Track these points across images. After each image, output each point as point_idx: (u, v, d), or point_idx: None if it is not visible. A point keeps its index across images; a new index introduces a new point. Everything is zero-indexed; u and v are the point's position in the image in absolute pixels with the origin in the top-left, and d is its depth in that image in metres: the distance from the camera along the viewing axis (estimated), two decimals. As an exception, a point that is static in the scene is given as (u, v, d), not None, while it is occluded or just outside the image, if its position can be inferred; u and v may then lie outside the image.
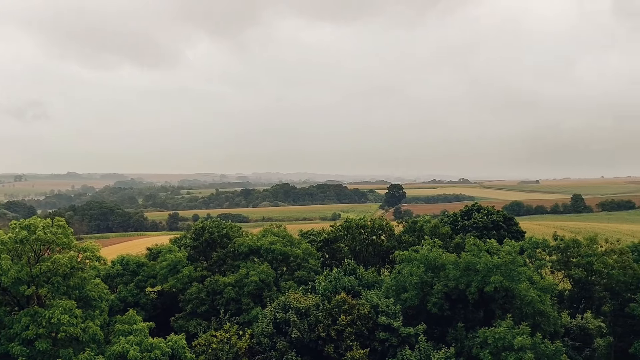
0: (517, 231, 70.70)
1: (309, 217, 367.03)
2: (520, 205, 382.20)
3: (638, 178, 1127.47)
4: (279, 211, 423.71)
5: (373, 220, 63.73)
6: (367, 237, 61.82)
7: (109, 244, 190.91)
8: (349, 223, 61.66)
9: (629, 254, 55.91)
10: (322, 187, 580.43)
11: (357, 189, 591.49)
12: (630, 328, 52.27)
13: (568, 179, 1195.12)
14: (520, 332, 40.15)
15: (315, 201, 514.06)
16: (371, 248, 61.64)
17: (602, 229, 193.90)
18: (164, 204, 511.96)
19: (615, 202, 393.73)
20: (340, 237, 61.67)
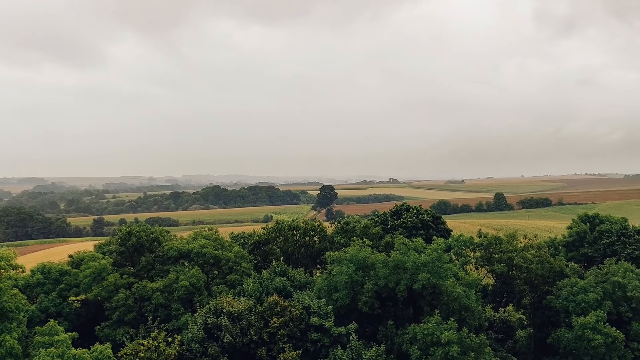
0: (444, 229, 73.04)
1: (241, 220, 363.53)
2: (447, 204, 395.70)
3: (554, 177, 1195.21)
4: (210, 214, 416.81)
5: (305, 222, 63.86)
6: (299, 239, 61.87)
7: (28, 251, 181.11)
8: (280, 225, 61.47)
9: (545, 248, 59.13)
10: (254, 189, 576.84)
11: (289, 191, 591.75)
12: (547, 319, 55.25)
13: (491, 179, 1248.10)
14: (448, 327, 41.51)
15: (247, 203, 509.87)
16: (303, 249, 61.75)
17: (522, 225, 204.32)
18: (88, 208, 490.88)
19: (534, 200, 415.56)
20: (272, 239, 61.35)
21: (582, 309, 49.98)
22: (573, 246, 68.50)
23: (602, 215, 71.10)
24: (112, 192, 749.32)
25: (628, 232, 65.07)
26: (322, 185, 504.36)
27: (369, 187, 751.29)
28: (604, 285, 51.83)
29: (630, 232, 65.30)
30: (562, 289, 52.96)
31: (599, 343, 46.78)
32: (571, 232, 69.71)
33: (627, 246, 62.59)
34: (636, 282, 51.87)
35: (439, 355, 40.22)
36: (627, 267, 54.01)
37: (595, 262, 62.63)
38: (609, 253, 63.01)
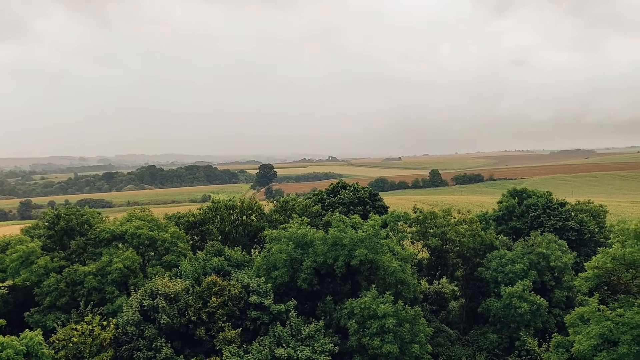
0: (381, 206, 74.27)
1: (178, 200, 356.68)
2: (385, 181, 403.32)
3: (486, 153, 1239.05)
4: (146, 194, 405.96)
5: (242, 201, 63.24)
6: (236, 218, 61.24)
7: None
8: (216, 204, 60.60)
9: (477, 223, 61.42)
10: (191, 168, 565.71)
11: (227, 170, 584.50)
12: (478, 290, 57.75)
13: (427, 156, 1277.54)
14: (384, 301, 42.54)
15: (185, 183, 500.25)
16: (241, 228, 61.23)
17: (456, 201, 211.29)
18: (13, 190, 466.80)
19: (467, 176, 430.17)
20: (209, 219, 60.44)
21: (510, 279, 52.53)
22: (503, 220, 71.63)
23: (530, 190, 74.59)
24: (40, 173, 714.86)
25: (552, 205, 68.60)
26: (261, 164, 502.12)
27: (308, 166, 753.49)
28: (529, 256, 54.57)
29: (554, 205, 68.87)
30: (491, 260, 55.37)
31: (525, 310, 49.47)
32: (501, 207, 72.77)
33: (551, 218, 66.02)
34: (558, 252, 54.95)
35: (376, 328, 41.26)
36: (551, 239, 57.06)
37: (522, 234, 65.75)
38: (535, 225, 66.33)
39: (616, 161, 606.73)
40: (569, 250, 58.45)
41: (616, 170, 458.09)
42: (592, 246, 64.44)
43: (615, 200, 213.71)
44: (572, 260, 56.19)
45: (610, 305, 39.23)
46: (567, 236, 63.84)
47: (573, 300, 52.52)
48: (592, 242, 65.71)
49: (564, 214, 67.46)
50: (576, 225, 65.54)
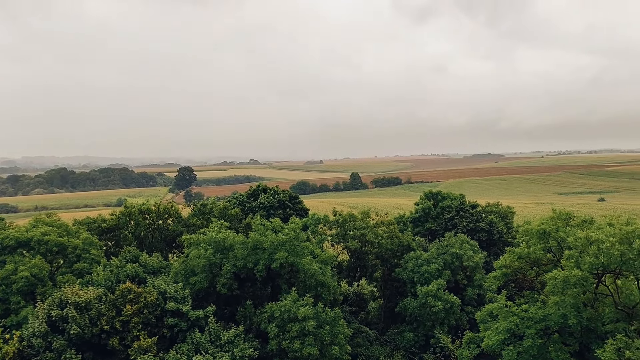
0: (302, 209, 74.65)
1: (92, 204, 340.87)
2: (306, 184, 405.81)
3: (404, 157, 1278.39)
4: (56, 199, 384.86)
5: (158, 205, 61.33)
6: (152, 223, 59.31)
7: None
8: (129, 209, 58.37)
9: (395, 224, 63.04)
10: (106, 171, 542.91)
11: (144, 173, 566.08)
12: (396, 290, 59.27)
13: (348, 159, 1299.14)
14: (304, 304, 42.62)
15: (98, 187, 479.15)
16: (157, 233, 59.34)
17: (375, 203, 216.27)
18: None
19: (386, 179, 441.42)
20: (123, 224, 58.11)
21: (426, 279, 54.31)
22: (419, 222, 74.13)
23: (444, 193, 77.72)
24: None
25: (465, 207, 71.81)
26: (180, 167, 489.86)
27: (229, 168, 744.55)
28: (444, 257, 56.66)
29: (466, 207, 72.12)
30: (408, 261, 56.99)
31: (440, 309, 51.31)
32: (417, 209, 75.28)
33: (464, 220, 69.11)
34: (470, 252, 57.50)
35: (296, 330, 41.25)
36: (464, 239, 59.60)
37: (437, 235, 68.30)
38: (450, 227, 69.15)
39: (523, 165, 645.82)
40: (480, 250, 61.34)
41: (523, 174, 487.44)
42: (500, 246, 68.06)
43: (522, 202, 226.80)
44: (483, 260, 58.98)
45: (516, 301, 41.47)
46: (478, 237, 67.08)
47: (484, 298, 55.09)
48: (501, 242, 69.42)
49: (476, 215, 70.83)
50: (486, 226, 68.98)
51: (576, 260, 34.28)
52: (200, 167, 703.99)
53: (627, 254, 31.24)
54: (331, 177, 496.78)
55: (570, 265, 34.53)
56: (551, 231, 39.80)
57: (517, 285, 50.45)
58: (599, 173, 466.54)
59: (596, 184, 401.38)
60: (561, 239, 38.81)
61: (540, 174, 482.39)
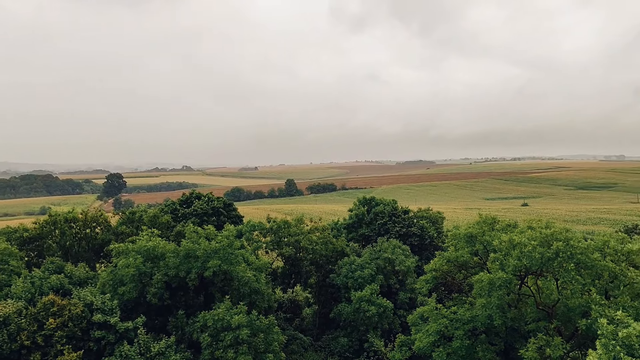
0: (236, 216, 73.82)
1: (12, 213, 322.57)
2: (241, 190, 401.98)
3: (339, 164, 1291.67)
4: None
5: (85, 213, 58.86)
6: (79, 231, 56.80)
7: None
8: (54, 217, 55.67)
9: (329, 230, 63.59)
10: (28, 178, 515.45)
11: (70, 180, 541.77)
12: (330, 296, 59.65)
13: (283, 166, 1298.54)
14: (238, 312, 42.07)
15: (20, 194, 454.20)
16: (84, 243, 56.88)
17: (310, 209, 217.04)
18: None
19: (321, 185, 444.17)
20: (47, 233, 55.28)
21: (360, 284, 55.01)
22: (353, 227, 75.04)
23: (378, 199, 79.04)
24: None
25: (397, 213, 73.37)
26: (109, 174, 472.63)
27: (161, 175, 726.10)
28: (377, 262, 57.62)
29: (399, 212, 73.71)
30: (342, 267, 57.54)
31: (373, 313, 52.08)
32: (351, 215, 76.18)
33: (396, 225, 70.59)
34: (402, 257, 58.77)
35: (230, 339, 40.63)
36: (396, 244, 60.87)
37: (371, 240, 69.40)
38: (382, 232, 70.43)
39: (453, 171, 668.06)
40: (412, 254, 62.83)
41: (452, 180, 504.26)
42: (431, 250, 70.03)
43: (451, 207, 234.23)
44: (415, 264, 60.42)
45: (446, 303, 42.75)
46: (410, 241, 68.71)
47: (415, 301, 56.38)
48: (432, 246, 71.43)
49: (408, 220, 72.52)
50: (418, 231, 70.78)
51: (501, 263, 35.75)
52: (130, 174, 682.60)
53: (546, 256, 32.90)
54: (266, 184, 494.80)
55: (495, 267, 35.97)
56: (478, 235, 41.36)
57: (446, 288, 51.92)
58: (523, 179, 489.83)
59: (520, 189, 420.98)
60: (487, 242, 40.38)
61: (469, 180, 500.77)
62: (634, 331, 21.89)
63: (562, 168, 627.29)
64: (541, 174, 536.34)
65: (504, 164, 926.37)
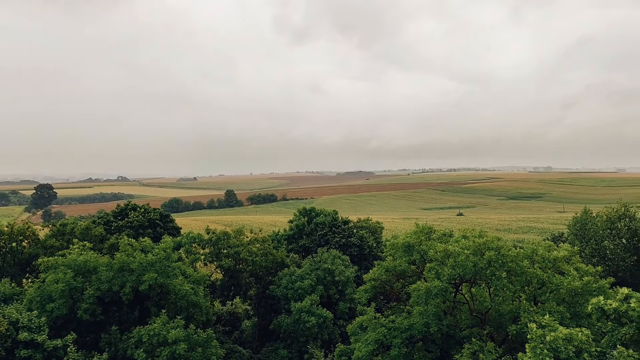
0: (173, 227, 72.19)
1: None
2: (179, 202, 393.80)
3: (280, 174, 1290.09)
4: None
5: (11, 225, 55.88)
6: (4, 245, 53.81)
7: None
8: (-23, 230, 52.69)
9: (269, 241, 63.26)
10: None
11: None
12: (270, 307, 59.25)
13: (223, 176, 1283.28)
14: (175, 326, 41.02)
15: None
16: (10, 257, 53.92)
17: (251, 220, 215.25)
18: None
19: (261, 196, 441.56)
20: (-33, 247, 52.20)
21: (300, 295, 54.96)
22: (293, 238, 75.01)
23: (318, 209, 79.41)
24: None
25: (337, 224, 73.97)
26: (38, 184, 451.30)
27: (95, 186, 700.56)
28: (317, 272, 57.80)
29: (339, 223, 74.34)
30: (282, 278, 57.35)
31: (313, 324, 52.10)
32: (292, 226, 76.15)
33: (336, 235, 71.13)
34: (342, 267, 59.23)
35: (166, 355, 39.48)
36: (336, 255, 61.31)
37: (311, 251, 69.59)
38: (323, 242, 70.77)
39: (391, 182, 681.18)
40: (352, 264, 63.44)
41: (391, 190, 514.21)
42: (370, 260, 70.94)
43: (390, 217, 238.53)
44: (354, 274, 61.01)
45: (385, 312, 43.31)
46: (350, 252, 69.36)
47: (355, 311, 56.87)
48: (371, 256, 72.37)
49: (347, 231, 73.23)
50: (357, 241, 71.57)
51: (436, 272, 36.67)
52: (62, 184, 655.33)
53: (479, 264, 34.05)
54: (205, 195, 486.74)
55: (431, 276, 36.86)
56: (415, 245, 42.27)
57: (385, 297, 52.71)
58: (458, 190, 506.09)
59: (456, 199, 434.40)
60: (424, 252, 41.34)
61: (407, 190, 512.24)
62: (560, 335, 22.96)
63: (494, 179, 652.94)
64: (475, 184, 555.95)
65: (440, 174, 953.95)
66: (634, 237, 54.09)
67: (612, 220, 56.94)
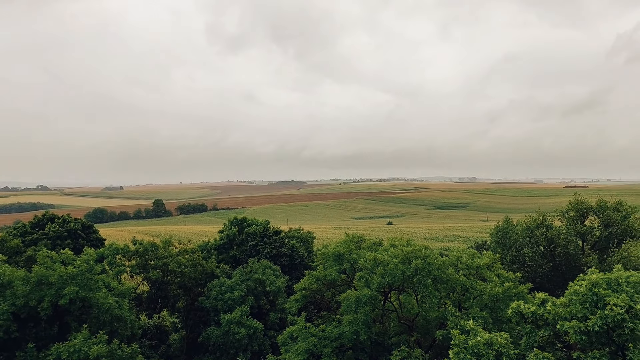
0: (97, 239, 69.32)
1: None
2: (104, 212, 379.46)
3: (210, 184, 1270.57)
4: None
5: None
6: None
7: None
8: None
9: (199, 252, 61.97)
10: None
11: None
12: (199, 319, 57.97)
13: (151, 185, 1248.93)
14: (97, 341, 39.29)
15: None
16: None
17: (180, 231, 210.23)
18: None
19: (191, 205, 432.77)
20: None
21: (229, 306, 54.13)
22: (224, 248, 73.76)
23: (249, 219, 78.57)
24: None
25: (269, 233, 73.53)
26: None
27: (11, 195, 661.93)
28: (247, 283, 57.17)
29: (270, 233, 73.92)
30: (212, 289, 56.29)
31: (243, 335, 51.42)
32: (222, 236, 74.90)
33: (267, 246, 70.68)
34: (273, 277, 58.92)
35: (87, 372, 37.75)
36: (267, 265, 60.92)
37: (242, 262, 68.71)
38: (254, 253, 70.07)
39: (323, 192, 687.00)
40: (282, 274, 63.20)
41: (323, 200, 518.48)
42: (301, 269, 70.95)
43: (322, 226, 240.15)
44: (285, 284, 60.81)
45: (315, 322, 43.49)
46: (281, 261, 69.10)
47: (285, 321, 56.65)
48: (302, 265, 72.43)
49: (279, 241, 72.94)
50: (288, 251, 71.46)
51: (366, 281, 37.25)
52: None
53: (407, 272, 34.90)
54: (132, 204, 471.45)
55: (361, 285, 37.40)
56: (345, 254, 42.77)
57: (316, 306, 52.86)
58: (388, 199, 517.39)
59: (385, 209, 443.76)
60: (354, 260, 41.89)
61: (338, 200, 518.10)
62: (481, 339, 23.86)
63: (423, 189, 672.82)
64: (405, 194, 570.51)
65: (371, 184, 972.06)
66: (551, 244, 57.12)
67: (531, 228, 59.89)
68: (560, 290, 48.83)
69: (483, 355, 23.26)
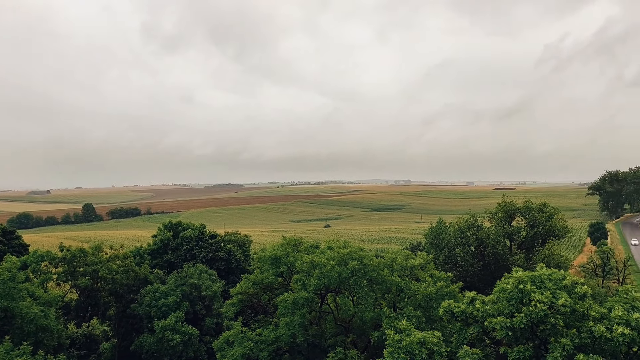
0: (19, 245, 65.95)
1: None
2: (29, 217, 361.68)
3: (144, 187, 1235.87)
4: None
5: None
6: None
7: None
8: None
9: (131, 258, 60.06)
10: None
11: None
12: (132, 327, 56.17)
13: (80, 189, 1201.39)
14: (21, 353, 37.22)
15: None
16: None
17: (111, 236, 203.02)
18: None
19: (123, 210, 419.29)
20: None
21: (163, 312, 52.75)
22: (158, 253, 71.86)
23: (185, 223, 76.96)
24: None
25: (205, 237, 72.31)
26: None
27: None
28: (182, 288, 55.94)
29: (206, 237, 72.71)
30: (145, 295, 54.69)
31: (178, 342, 50.22)
32: (156, 240, 72.97)
33: (203, 250, 69.49)
34: (209, 282, 57.95)
35: (10, 387, 35.72)
36: (202, 269, 59.83)
37: (177, 266, 67.16)
38: (189, 257, 68.69)
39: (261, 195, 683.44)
40: (219, 279, 62.26)
41: (261, 203, 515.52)
42: (238, 274, 70.21)
43: (259, 230, 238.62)
44: (221, 288, 59.94)
45: (252, 326, 43.06)
46: (217, 266, 68.09)
47: (222, 326, 55.84)
48: (239, 269, 71.69)
49: (215, 245, 71.87)
50: (225, 255, 70.55)
51: (303, 283, 37.28)
52: None
53: (343, 274, 35.23)
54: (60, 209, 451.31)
55: (298, 287, 37.40)
56: (282, 257, 42.63)
57: (252, 310, 52.40)
58: (326, 202, 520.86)
59: (323, 211, 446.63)
60: (291, 263, 41.83)
61: (276, 203, 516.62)
62: (414, 339, 24.43)
63: (360, 191, 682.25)
64: (342, 197, 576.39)
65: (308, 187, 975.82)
66: (481, 244, 59.34)
67: (462, 229, 62.00)
68: (490, 289, 50.78)
69: (416, 354, 23.81)
